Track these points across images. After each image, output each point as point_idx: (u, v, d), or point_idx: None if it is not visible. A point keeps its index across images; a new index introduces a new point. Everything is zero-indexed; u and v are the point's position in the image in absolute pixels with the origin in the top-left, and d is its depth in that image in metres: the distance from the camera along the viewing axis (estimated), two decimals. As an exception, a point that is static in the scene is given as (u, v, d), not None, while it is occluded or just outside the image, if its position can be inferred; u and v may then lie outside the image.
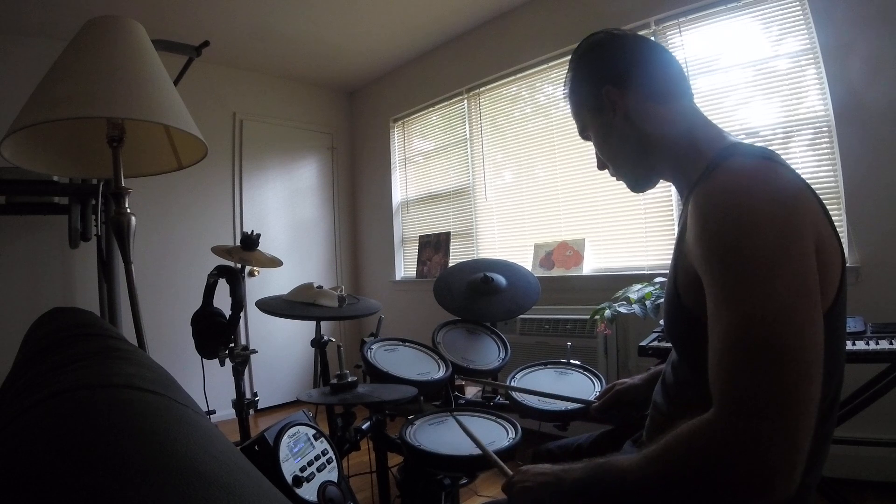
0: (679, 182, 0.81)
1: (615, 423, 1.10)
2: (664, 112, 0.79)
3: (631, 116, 0.80)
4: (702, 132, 0.77)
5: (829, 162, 2.04)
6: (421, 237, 3.79)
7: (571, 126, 3.13)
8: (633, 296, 1.98)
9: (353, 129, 4.45)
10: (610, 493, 0.64)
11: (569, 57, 0.90)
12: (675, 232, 0.81)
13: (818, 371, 0.54)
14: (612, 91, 0.80)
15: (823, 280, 0.60)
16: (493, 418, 1.30)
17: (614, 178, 0.91)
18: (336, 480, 1.11)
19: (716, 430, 0.54)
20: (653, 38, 2.52)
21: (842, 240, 0.67)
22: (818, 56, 2.03)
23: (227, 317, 1.68)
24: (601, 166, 0.92)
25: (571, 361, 1.54)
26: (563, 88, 0.91)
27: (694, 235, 0.64)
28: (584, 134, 0.90)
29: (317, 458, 1.12)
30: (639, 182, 0.87)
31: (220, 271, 1.71)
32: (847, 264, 0.68)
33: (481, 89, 3.39)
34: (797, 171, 0.69)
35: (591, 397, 1.26)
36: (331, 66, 3.90)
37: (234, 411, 1.75)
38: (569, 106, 0.91)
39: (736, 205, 0.61)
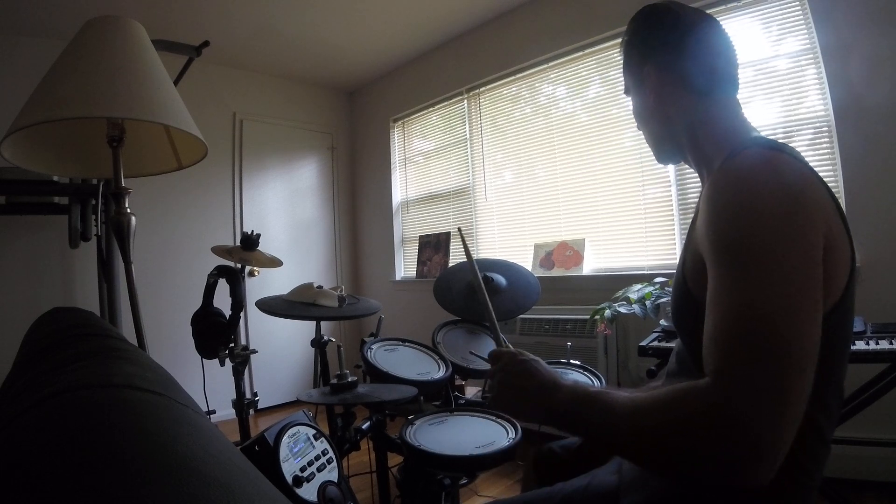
0: (702, 172, 0.82)
1: None
2: (697, 103, 0.79)
3: (663, 100, 0.82)
4: (708, 128, 0.78)
5: (829, 162, 2.04)
6: (421, 237, 3.79)
7: (571, 126, 3.13)
8: (633, 296, 1.98)
9: (353, 129, 4.45)
10: (594, 427, 0.65)
11: (569, 57, 0.91)
12: (676, 233, 0.82)
13: (811, 364, 0.54)
14: (652, 72, 0.82)
15: (830, 276, 0.60)
16: (493, 418, 1.31)
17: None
18: (336, 480, 1.11)
19: (705, 401, 0.54)
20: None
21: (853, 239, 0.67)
22: (818, 56, 2.03)
23: (227, 317, 1.69)
24: (639, 127, 0.94)
25: (571, 361, 1.54)
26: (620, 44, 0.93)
27: (703, 225, 0.66)
28: (627, 93, 0.92)
29: (317, 458, 1.12)
30: (661, 156, 0.90)
31: (220, 271, 1.71)
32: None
33: (481, 89, 3.39)
34: (811, 166, 0.68)
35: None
36: (331, 66, 3.90)
37: (234, 411, 1.76)
38: (621, 56, 0.92)
39: (742, 197, 0.61)
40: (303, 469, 1.07)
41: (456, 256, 3.52)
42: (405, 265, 4.02)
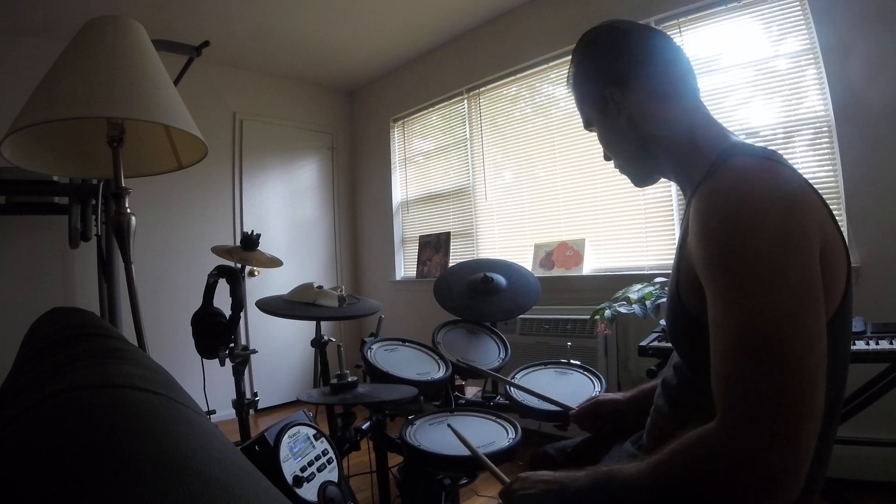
0: (682, 181, 0.80)
1: (590, 431, 1.10)
2: (667, 111, 0.78)
3: (634, 117, 0.79)
4: (704, 132, 0.76)
5: (829, 162, 2.04)
6: (421, 237, 3.79)
7: (571, 126, 3.13)
8: (633, 296, 1.98)
9: (353, 129, 4.45)
10: (615, 502, 0.64)
11: (569, 57, 0.89)
12: (676, 233, 0.81)
13: (822, 378, 0.53)
14: (616, 92, 0.79)
15: (829, 283, 0.59)
16: (493, 418, 1.31)
17: (618, 171, 0.91)
18: (336, 480, 1.11)
19: (719, 439, 0.54)
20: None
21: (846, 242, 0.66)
22: (818, 56, 2.03)
23: (227, 317, 1.68)
24: (607, 158, 0.91)
25: (571, 361, 1.54)
26: (566, 81, 0.90)
27: (696, 239, 0.64)
28: (589, 127, 0.90)
29: (317, 458, 1.12)
30: (640, 178, 0.88)
31: (220, 271, 1.71)
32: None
33: (481, 89, 3.39)
34: (799, 171, 0.67)
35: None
36: (331, 66, 3.90)
37: (234, 411, 1.76)
38: (573, 96, 0.90)
39: (737, 209, 0.60)
40: (303, 469, 1.07)
41: (456, 256, 3.52)
42: (405, 265, 4.02)
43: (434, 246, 3.66)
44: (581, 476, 0.69)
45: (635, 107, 0.79)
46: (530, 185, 3.13)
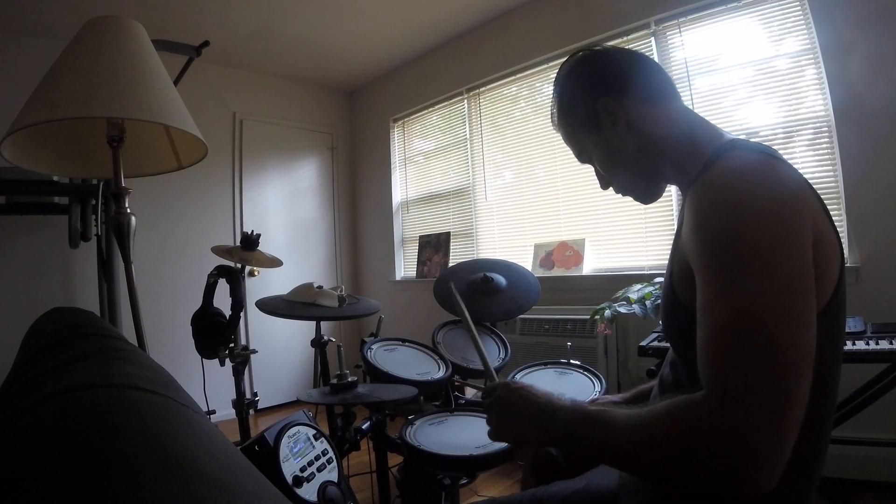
0: (680, 180, 0.80)
1: None
2: (663, 112, 0.78)
3: (633, 123, 0.78)
4: (701, 129, 0.77)
5: (829, 162, 2.04)
6: (421, 237, 3.79)
7: (571, 126, 3.09)
8: (633, 296, 1.98)
9: (353, 129, 4.45)
10: (595, 446, 0.65)
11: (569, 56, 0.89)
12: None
13: (808, 369, 0.53)
14: (609, 102, 0.78)
15: (821, 276, 0.60)
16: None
17: (620, 196, 0.88)
18: (336, 480, 1.11)
19: (703, 413, 0.54)
20: (652, 39, 2.53)
21: (841, 238, 0.67)
22: (818, 56, 2.03)
23: (227, 317, 1.68)
24: (605, 186, 0.88)
25: (571, 361, 1.54)
26: (550, 121, 0.89)
27: (690, 229, 0.64)
28: (584, 157, 0.87)
29: (317, 458, 1.12)
30: (649, 192, 0.85)
31: (220, 271, 1.71)
32: (847, 264, 0.68)
33: (481, 89, 3.39)
34: (795, 168, 0.68)
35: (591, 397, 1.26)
36: (331, 66, 3.90)
37: (234, 411, 1.76)
38: (560, 131, 0.88)
39: (733, 200, 0.60)
40: (303, 469, 1.07)
41: (456, 256, 3.52)
42: (405, 265, 4.02)
43: (434, 246, 3.66)
44: (567, 409, 0.69)
45: (632, 112, 0.78)
46: (530, 185, 3.13)
